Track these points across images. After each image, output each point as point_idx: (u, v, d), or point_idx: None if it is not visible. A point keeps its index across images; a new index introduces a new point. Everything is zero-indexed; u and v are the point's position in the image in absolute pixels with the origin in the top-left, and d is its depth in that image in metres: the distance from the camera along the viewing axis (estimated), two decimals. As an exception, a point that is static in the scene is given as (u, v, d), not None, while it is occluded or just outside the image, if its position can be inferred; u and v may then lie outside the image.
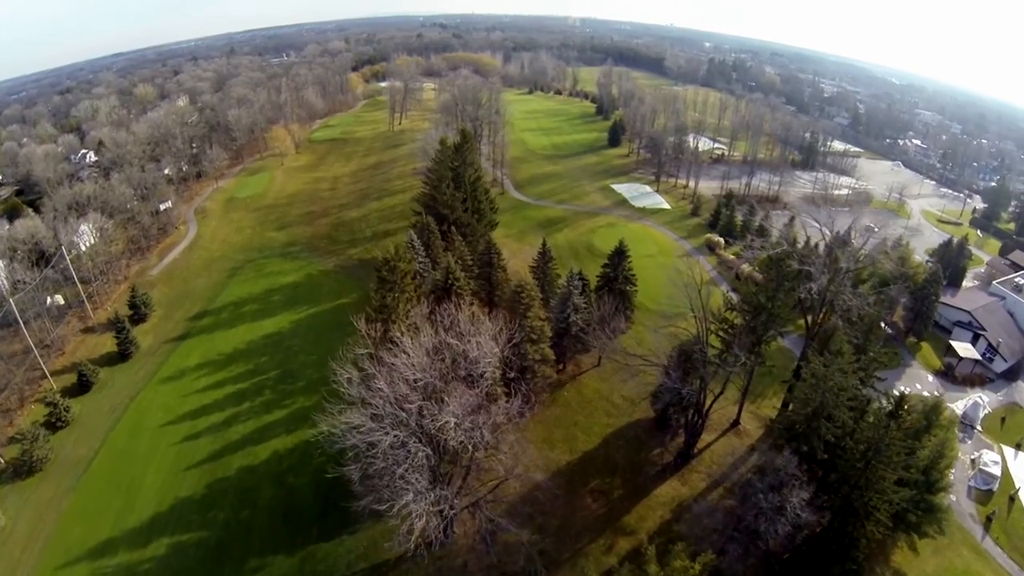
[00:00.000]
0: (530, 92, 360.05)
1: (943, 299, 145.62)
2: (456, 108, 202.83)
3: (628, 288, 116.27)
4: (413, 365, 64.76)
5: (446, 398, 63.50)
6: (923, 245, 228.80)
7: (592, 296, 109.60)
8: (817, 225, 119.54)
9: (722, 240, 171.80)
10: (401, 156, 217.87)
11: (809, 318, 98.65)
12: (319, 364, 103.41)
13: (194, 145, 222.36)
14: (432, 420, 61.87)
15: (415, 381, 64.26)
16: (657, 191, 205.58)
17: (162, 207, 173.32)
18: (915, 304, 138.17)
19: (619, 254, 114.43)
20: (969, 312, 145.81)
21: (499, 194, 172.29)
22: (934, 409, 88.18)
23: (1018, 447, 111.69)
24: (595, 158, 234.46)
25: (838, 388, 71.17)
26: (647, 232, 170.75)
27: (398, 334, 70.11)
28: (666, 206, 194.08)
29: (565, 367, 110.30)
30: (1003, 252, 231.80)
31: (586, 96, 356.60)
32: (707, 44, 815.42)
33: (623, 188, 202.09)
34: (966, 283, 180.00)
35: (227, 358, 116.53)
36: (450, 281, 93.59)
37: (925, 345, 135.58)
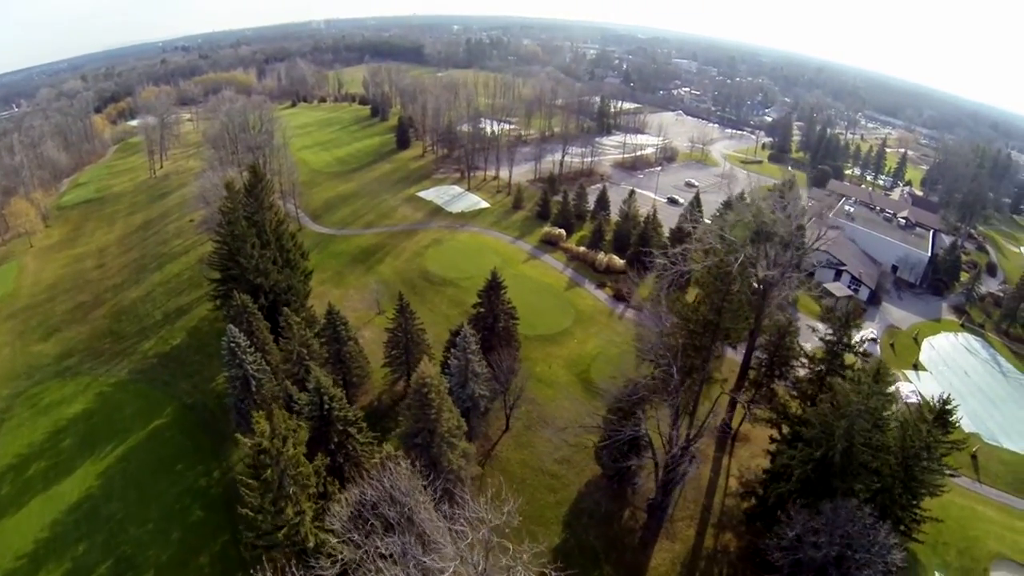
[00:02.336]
0: (293, 104, 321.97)
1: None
2: (226, 139, 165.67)
3: (511, 324, 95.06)
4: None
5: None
6: (747, 189, 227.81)
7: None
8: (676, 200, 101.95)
9: (562, 231, 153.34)
10: (172, 207, 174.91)
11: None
12: (161, 537, 75.29)
13: None
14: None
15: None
16: (468, 190, 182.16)
17: None
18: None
19: (493, 288, 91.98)
20: (827, 251, 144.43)
21: (296, 230, 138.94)
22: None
23: (915, 368, 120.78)
24: (388, 166, 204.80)
25: (865, 410, 60.01)
26: (479, 241, 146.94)
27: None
28: (485, 204, 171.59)
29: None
30: (818, 184, 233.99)
31: (354, 99, 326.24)
32: (455, 27, 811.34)
33: (432, 194, 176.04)
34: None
35: (28, 561, 74.56)
36: (328, 407, 64.97)
37: (799, 294, 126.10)
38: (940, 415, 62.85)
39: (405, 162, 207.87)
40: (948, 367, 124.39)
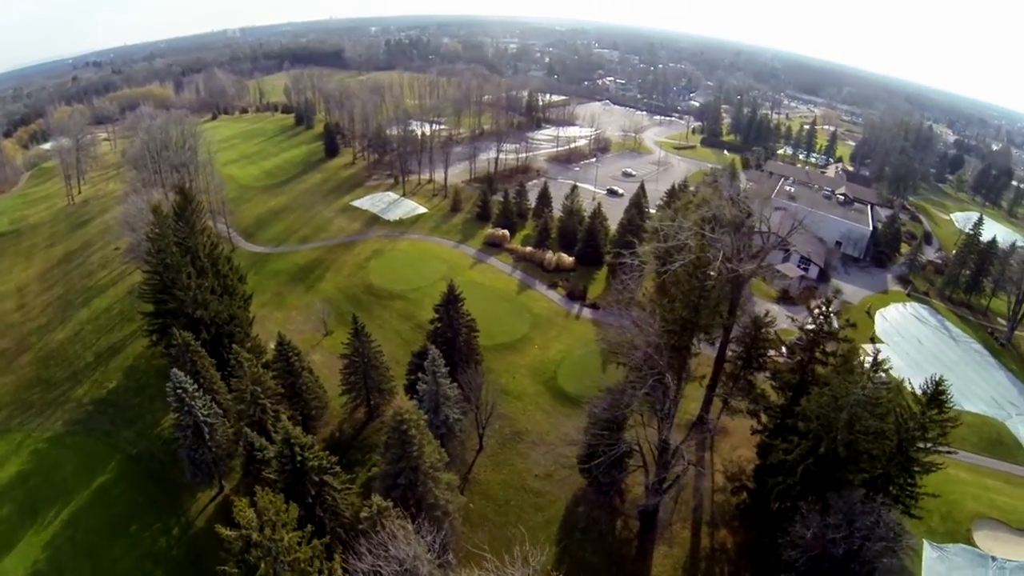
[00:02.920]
0: (215, 117, 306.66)
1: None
2: (148, 158, 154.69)
3: (472, 337, 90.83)
4: None
5: None
6: (685, 176, 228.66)
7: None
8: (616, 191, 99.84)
9: (506, 232, 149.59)
10: (95, 236, 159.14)
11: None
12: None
13: None
14: None
15: None
16: (404, 195, 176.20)
17: None
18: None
19: (451, 301, 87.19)
20: (776, 233, 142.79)
21: (230, 252, 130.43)
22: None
23: (872, 341, 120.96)
24: (319, 175, 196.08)
25: (865, 400, 58.32)
26: (421, 248, 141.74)
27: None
28: (423, 210, 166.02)
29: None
30: (755, 165, 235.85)
31: (277, 108, 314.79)
32: (373, 29, 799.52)
33: (366, 203, 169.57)
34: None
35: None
36: (300, 457, 58.16)
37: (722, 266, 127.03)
38: (934, 396, 60.75)
39: (336, 171, 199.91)
40: (902, 337, 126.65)
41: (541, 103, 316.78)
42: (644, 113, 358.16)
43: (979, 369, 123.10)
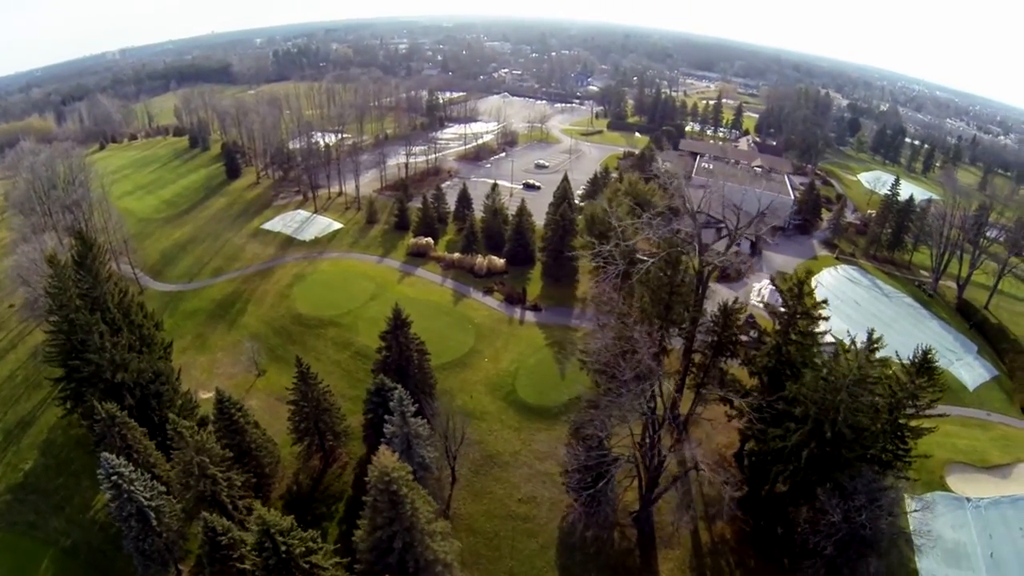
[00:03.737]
0: (103, 147, 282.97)
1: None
2: (35, 200, 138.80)
3: (424, 361, 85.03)
4: None
5: None
6: (600, 162, 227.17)
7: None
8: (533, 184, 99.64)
9: (429, 240, 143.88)
10: None
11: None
12: None
13: None
14: None
15: None
16: (316, 212, 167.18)
17: None
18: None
19: (399, 326, 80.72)
20: (705, 212, 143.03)
21: (138, 294, 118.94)
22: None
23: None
24: (223, 200, 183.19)
25: (861, 379, 58.83)
26: (343, 267, 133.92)
27: None
28: (338, 225, 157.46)
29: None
30: (672, 145, 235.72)
31: (168, 131, 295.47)
32: (258, 41, 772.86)
33: (278, 224, 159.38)
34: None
35: None
36: (286, 547, 49.46)
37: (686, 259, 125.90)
38: (922, 365, 62.46)
39: (240, 193, 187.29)
40: (841, 300, 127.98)
41: (441, 101, 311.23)
42: (544, 102, 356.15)
43: (915, 322, 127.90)
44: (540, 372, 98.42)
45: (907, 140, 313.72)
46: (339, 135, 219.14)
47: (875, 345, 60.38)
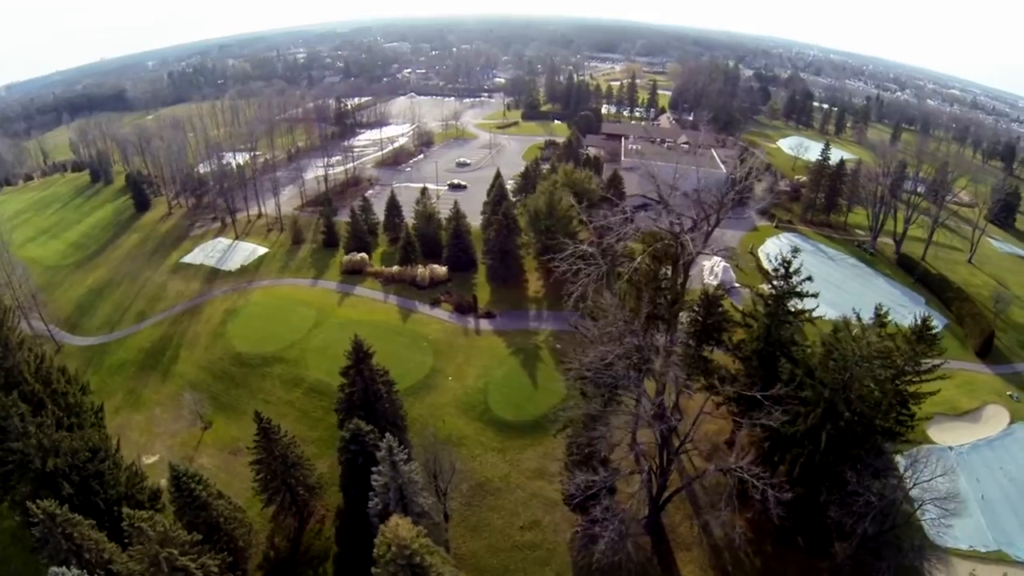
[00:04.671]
0: None
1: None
2: None
3: (392, 393, 76.64)
4: None
5: None
6: (521, 154, 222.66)
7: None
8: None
9: (363, 255, 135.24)
10: None
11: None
12: None
13: None
14: None
15: None
16: (238, 238, 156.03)
17: None
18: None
19: (361, 360, 72.51)
20: (643, 195, 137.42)
21: (55, 353, 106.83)
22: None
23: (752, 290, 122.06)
24: (135, 236, 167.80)
25: (873, 354, 58.13)
26: (277, 295, 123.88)
27: None
28: (263, 250, 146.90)
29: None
30: (589, 130, 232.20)
31: (66, 167, 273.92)
32: (151, 63, 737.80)
33: (199, 256, 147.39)
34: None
35: None
36: None
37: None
38: (922, 333, 63.05)
39: (153, 226, 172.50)
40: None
41: (350, 107, 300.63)
42: (453, 99, 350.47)
43: (863, 281, 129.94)
44: (511, 384, 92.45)
45: (815, 104, 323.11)
46: (251, 153, 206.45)
47: (884, 319, 61.58)
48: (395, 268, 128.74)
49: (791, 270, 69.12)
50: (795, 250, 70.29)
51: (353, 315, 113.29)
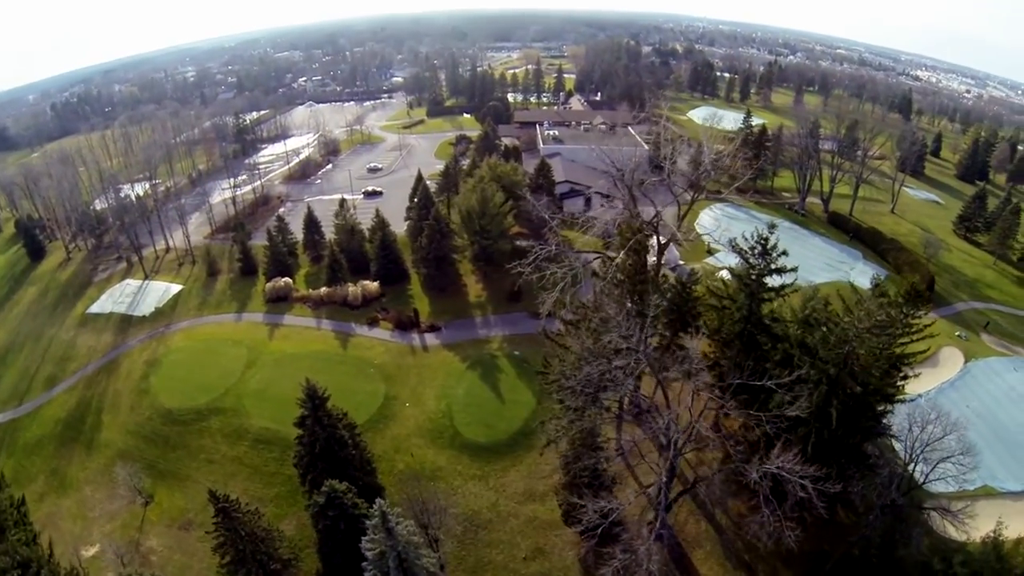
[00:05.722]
0: None
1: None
2: None
3: (355, 436, 68.61)
4: None
5: None
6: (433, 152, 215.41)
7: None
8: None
9: (287, 280, 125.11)
10: None
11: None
12: None
13: None
14: None
15: None
16: (147, 278, 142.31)
17: None
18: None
19: (318, 407, 63.46)
20: (569, 181, 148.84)
21: None
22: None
23: (710, 253, 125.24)
24: (33, 289, 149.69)
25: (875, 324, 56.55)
26: (202, 337, 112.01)
27: None
28: (177, 287, 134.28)
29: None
30: (498, 122, 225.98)
31: None
32: (31, 97, 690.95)
33: (107, 303, 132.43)
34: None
35: None
36: None
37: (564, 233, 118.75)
38: (911, 296, 61.40)
39: (51, 275, 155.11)
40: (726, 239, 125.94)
41: (248, 123, 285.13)
42: (353, 103, 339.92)
43: (801, 243, 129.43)
44: (475, 402, 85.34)
45: (717, 74, 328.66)
46: (150, 182, 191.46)
47: (883, 289, 62.49)
48: (323, 290, 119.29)
49: (769, 247, 64.88)
50: (772, 226, 66.07)
51: (288, 348, 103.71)
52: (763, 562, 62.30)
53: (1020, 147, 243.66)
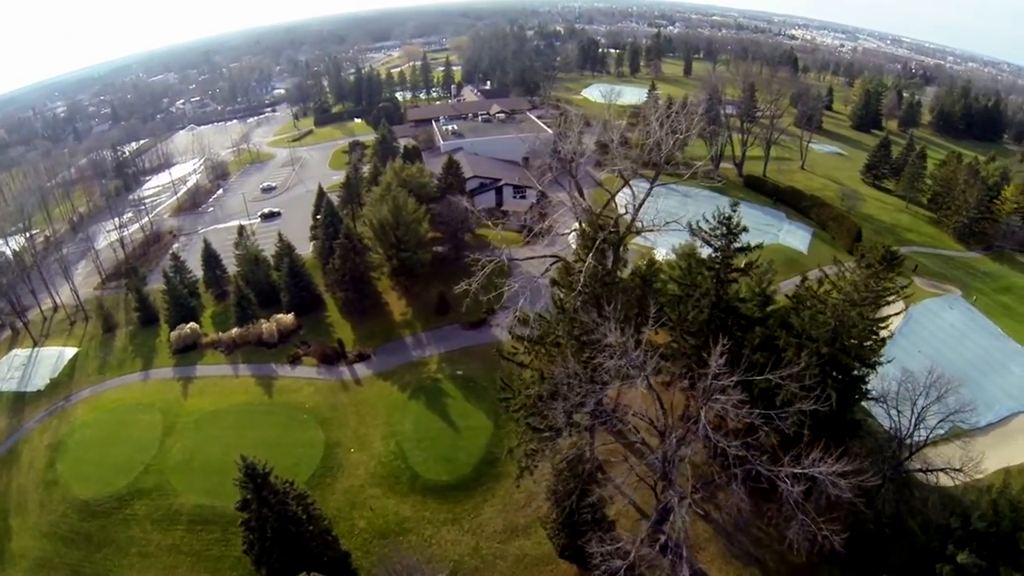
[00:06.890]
0: None
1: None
2: None
3: (310, 507, 58.88)
4: None
5: None
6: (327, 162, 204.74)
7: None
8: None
9: (194, 325, 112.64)
10: None
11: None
12: None
13: None
14: None
15: None
16: (36, 344, 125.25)
17: None
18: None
19: (261, 487, 53.15)
20: (477, 176, 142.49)
21: None
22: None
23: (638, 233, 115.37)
24: None
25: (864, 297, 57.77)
26: (107, 407, 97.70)
27: None
28: (72, 350, 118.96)
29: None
30: (391, 123, 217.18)
31: None
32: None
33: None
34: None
35: None
36: None
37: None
38: (888, 260, 59.52)
39: None
40: (652, 219, 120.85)
41: (128, 154, 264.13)
42: (236, 121, 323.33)
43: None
44: (428, 436, 77.47)
45: (603, 51, 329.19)
46: (26, 234, 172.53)
47: (894, 257, 59.48)
48: (234, 331, 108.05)
49: (733, 227, 61.25)
50: (735, 204, 63.06)
51: (206, 405, 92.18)
52: (771, 552, 59.61)
53: (904, 94, 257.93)
